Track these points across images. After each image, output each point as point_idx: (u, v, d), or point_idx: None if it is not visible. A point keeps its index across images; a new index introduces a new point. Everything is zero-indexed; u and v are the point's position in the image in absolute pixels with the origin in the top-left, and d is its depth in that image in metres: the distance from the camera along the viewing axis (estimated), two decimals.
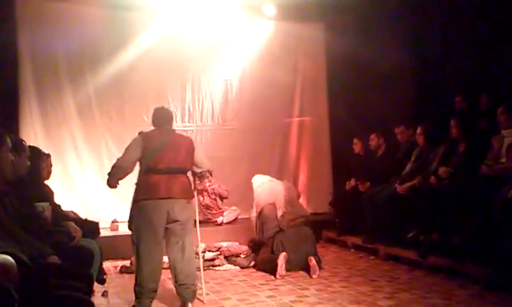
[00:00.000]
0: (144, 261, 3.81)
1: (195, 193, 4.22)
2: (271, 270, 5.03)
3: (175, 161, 3.87)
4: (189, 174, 4.12)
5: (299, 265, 5.12)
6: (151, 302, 3.89)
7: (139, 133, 3.96)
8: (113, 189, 4.00)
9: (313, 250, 5.31)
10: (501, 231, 4.03)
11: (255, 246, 5.72)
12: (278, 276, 4.88)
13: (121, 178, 3.89)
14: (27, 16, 6.69)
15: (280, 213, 5.37)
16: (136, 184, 3.90)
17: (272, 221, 5.40)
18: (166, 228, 3.85)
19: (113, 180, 3.88)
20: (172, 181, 3.84)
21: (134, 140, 3.90)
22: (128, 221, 3.93)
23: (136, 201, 3.85)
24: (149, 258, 3.82)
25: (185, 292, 3.92)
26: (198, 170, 4.11)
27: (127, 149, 3.89)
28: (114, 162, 3.91)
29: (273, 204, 5.50)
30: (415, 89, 7.82)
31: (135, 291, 3.87)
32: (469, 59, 6.53)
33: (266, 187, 5.75)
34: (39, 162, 3.91)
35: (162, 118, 4.02)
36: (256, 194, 5.74)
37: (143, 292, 3.83)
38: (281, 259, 4.98)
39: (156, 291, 3.91)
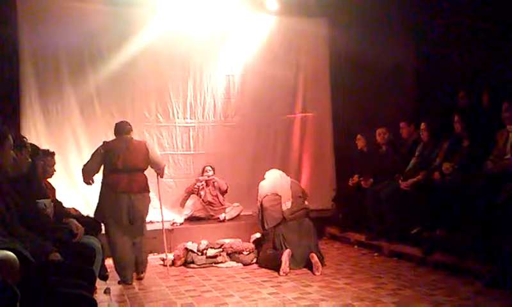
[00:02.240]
0: (115, 245, 4.73)
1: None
2: (275, 267, 5.02)
3: (131, 162, 4.80)
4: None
5: (302, 261, 5.11)
6: (132, 272, 4.80)
7: (103, 142, 4.96)
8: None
9: (315, 244, 5.31)
10: (505, 227, 4.00)
11: (258, 242, 5.71)
12: (281, 273, 4.86)
13: (91, 177, 4.84)
14: (27, 12, 6.65)
15: (288, 205, 5.37)
16: (101, 182, 4.85)
17: (272, 212, 5.42)
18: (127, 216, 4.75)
19: (86, 179, 4.82)
20: (130, 178, 4.77)
21: (97, 148, 4.91)
22: (95, 213, 4.79)
23: (101, 196, 4.80)
24: (119, 241, 4.73)
25: (137, 266, 4.85)
26: (155, 168, 5.07)
27: (91, 155, 4.91)
28: (82, 166, 4.88)
29: (273, 195, 5.52)
30: (417, 85, 7.80)
31: (116, 270, 4.76)
32: (471, 55, 6.51)
33: (270, 180, 5.78)
34: (36, 159, 3.88)
35: (121, 128, 5.00)
36: (259, 186, 5.77)
37: (123, 267, 4.73)
38: (286, 256, 4.97)
39: (132, 262, 4.80)
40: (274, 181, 5.73)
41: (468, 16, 6.63)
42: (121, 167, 4.76)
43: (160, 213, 5.50)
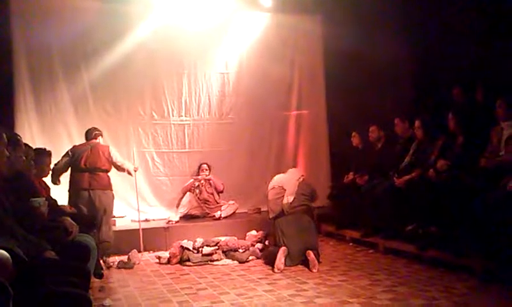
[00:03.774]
0: None
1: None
2: (272, 263, 5.04)
3: (94, 163, 5.48)
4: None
5: (299, 258, 5.10)
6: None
7: (72, 146, 5.68)
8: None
9: (313, 242, 5.28)
10: (500, 224, 4.01)
11: (265, 237, 5.95)
12: (275, 270, 4.87)
13: (59, 177, 5.42)
14: (21, 10, 6.63)
15: (289, 199, 5.37)
16: (69, 180, 5.49)
17: (273, 204, 5.47)
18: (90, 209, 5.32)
19: (55, 179, 5.34)
20: (92, 177, 5.44)
21: (66, 152, 5.57)
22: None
23: (69, 191, 5.47)
24: None
25: (104, 247, 5.33)
26: (120, 170, 5.74)
27: (62, 157, 5.52)
28: (53, 166, 5.17)
29: (279, 188, 5.54)
30: (412, 82, 7.81)
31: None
32: (466, 52, 6.53)
33: (284, 175, 5.83)
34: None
35: (88, 134, 5.71)
36: (273, 179, 5.86)
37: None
38: (281, 253, 4.98)
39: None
40: (285, 175, 5.78)
41: (463, 13, 6.65)
42: (83, 166, 5.43)
43: (157, 211, 5.55)
